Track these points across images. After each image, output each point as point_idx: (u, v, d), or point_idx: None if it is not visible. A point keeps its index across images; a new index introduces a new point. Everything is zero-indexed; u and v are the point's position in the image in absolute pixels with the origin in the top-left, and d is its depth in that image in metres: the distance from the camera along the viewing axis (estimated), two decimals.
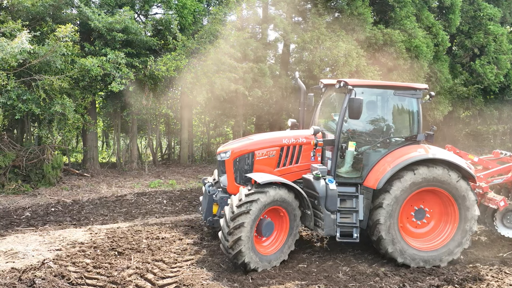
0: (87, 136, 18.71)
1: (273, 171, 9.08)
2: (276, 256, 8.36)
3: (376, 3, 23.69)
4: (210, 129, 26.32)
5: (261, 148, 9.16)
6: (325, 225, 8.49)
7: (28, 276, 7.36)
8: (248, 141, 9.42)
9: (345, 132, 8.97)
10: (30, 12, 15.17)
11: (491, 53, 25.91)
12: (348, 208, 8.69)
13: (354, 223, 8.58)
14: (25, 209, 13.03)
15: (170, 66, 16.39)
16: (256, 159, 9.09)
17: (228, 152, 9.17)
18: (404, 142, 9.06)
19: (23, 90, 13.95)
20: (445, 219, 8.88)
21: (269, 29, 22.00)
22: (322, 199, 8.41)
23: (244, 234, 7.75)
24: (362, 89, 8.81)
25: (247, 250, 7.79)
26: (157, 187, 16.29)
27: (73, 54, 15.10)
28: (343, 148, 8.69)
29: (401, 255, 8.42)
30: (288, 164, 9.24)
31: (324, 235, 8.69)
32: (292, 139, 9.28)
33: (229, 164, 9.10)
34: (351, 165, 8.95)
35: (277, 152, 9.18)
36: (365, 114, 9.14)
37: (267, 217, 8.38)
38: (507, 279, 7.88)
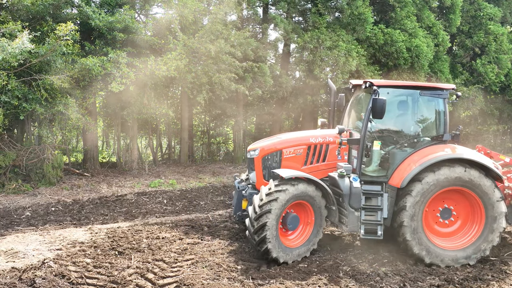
0: (87, 136, 18.69)
1: (301, 169, 9.33)
2: (300, 250, 8.66)
3: (376, 3, 23.70)
4: (210, 129, 26.32)
5: (289, 147, 9.49)
6: (348, 221, 8.71)
7: (29, 276, 7.35)
8: (276, 140, 9.80)
9: (372, 131, 9.08)
10: (30, 12, 15.16)
11: (491, 53, 25.93)
12: (373, 206, 8.82)
13: (379, 221, 8.73)
14: (25, 208, 13.03)
15: (170, 66, 16.38)
16: (284, 157, 9.43)
17: (257, 150, 9.60)
18: (430, 142, 9.10)
19: (26, 90, 13.94)
20: (472, 218, 8.85)
21: (269, 29, 21.99)
22: (346, 197, 8.65)
23: (269, 224, 8.12)
24: (387, 89, 8.96)
25: (271, 240, 8.15)
26: (157, 186, 16.29)
27: (73, 53, 15.09)
28: (368, 147, 8.79)
29: (428, 255, 8.47)
30: (315, 162, 9.52)
31: (347, 231, 8.89)
32: (319, 138, 9.56)
33: (258, 162, 9.54)
34: (378, 164, 9.06)
35: (304, 151, 9.48)
36: (392, 114, 9.32)
37: (292, 211, 8.68)
38: (507, 279, 7.87)
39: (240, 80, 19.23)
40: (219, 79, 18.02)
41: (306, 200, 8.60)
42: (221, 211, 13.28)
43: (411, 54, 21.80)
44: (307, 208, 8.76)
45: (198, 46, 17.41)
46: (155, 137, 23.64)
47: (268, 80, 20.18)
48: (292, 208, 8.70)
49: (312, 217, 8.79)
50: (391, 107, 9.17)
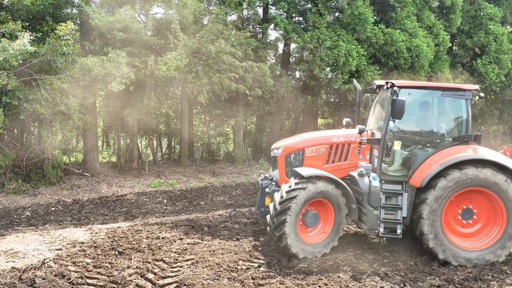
0: (87, 136, 18.69)
1: (322, 168, 9.54)
2: (320, 246, 8.87)
3: (376, 3, 23.69)
4: (210, 128, 26.31)
5: (311, 146, 9.75)
6: (367, 220, 8.87)
7: (29, 276, 7.35)
8: (299, 139, 10.11)
9: (394, 131, 9.16)
10: (30, 12, 15.16)
11: (491, 53, 25.90)
12: (393, 205, 8.90)
13: (398, 220, 8.82)
14: (25, 208, 13.03)
15: (170, 66, 16.37)
16: (306, 155, 9.69)
17: (280, 148, 9.94)
18: (452, 142, 9.13)
19: (27, 90, 13.93)
20: (493, 221, 8.85)
21: (269, 29, 21.98)
22: (365, 195, 8.83)
23: (288, 220, 8.42)
24: (409, 90, 9.06)
25: (290, 236, 8.44)
26: (157, 186, 16.29)
27: (73, 53, 15.09)
28: (388, 147, 8.90)
29: (443, 252, 8.53)
30: (336, 161, 9.71)
31: (366, 229, 9.08)
32: (341, 138, 9.74)
33: (281, 160, 9.86)
34: (399, 164, 9.12)
35: (326, 150, 9.71)
36: (414, 115, 9.43)
37: (313, 209, 8.93)
38: (508, 279, 7.87)
39: (240, 80, 19.22)
40: (219, 79, 18.01)
41: (326, 198, 8.81)
42: (221, 211, 13.28)
43: (411, 54, 21.78)
44: (327, 206, 8.96)
45: (198, 46, 17.40)
46: (155, 137, 23.63)
47: (268, 80, 20.17)
48: (313, 206, 8.93)
49: (332, 215, 8.98)
50: (413, 108, 9.31)
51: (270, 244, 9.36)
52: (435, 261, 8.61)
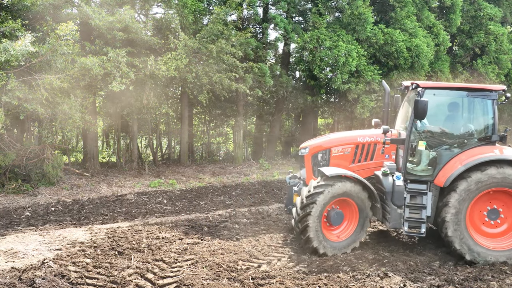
0: (87, 136, 18.69)
1: (348, 167, 9.76)
2: (342, 245, 9.08)
3: (376, 3, 23.69)
4: (210, 128, 26.31)
5: (337, 145, 10.01)
6: (391, 218, 9.06)
7: (28, 276, 7.34)
8: (325, 139, 10.41)
9: (421, 132, 9.18)
10: (30, 11, 15.15)
11: (491, 53, 25.89)
12: (418, 204, 8.96)
13: (422, 219, 8.90)
14: (25, 208, 13.02)
15: (170, 66, 16.37)
16: (332, 155, 9.96)
17: (307, 148, 10.25)
18: (478, 143, 9.13)
19: (27, 90, 13.92)
20: None
21: (269, 29, 21.98)
22: (389, 194, 9.04)
23: (312, 217, 8.68)
24: (434, 91, 9.09)
25: (313, 232, 8.70)
26: (157, 186, 16.28)
27: (73, 53, 15.09)
28: (413, 147, 8.97)
29: (470, 253, 8.57)
30: (362, 161, 9.95)
31: (390, 227, 9.30)
32: (367, 138, 9.99)
33: (308, 159, 10.19)
34: (425, 163, 9.18)
35: (352, 150, 9.96)
36: (440, 115, 9.51)
37: (337, 208, 9.13)
38: (507, 279, 7.85)
39: (240, 80, 19.22)
40: (219, 78, 18.01)
41: (350, 197, 8.99)
42: (221, 211, 13.27)
43: (411, 54, 21.78)
44: (352, 205, 9.13)
45: (199, 46, 17.40)
46: (155, 137, 23.62)
47: (268, 80, 20.19)
48: (338, 205, 9.12)
49: (357, 213, 9.16)
50: (439, 108, 9.36)
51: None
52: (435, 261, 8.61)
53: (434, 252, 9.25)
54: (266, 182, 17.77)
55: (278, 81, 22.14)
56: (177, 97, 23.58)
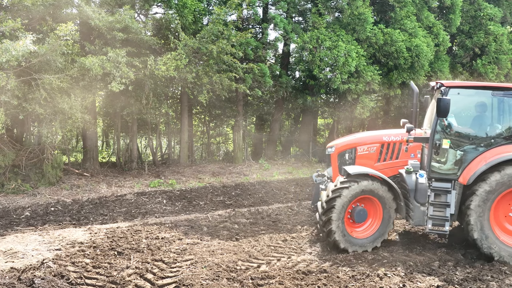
0: (87, 136, 18.69)
1: (373, 166, 10.00)
2: (365, 242, 9.26)
3: (376, 3, 23.68)
4: (210, 128, 26.31)
5: (363, 144, 10.28)
6: (414, 216, 9.19)
7: (28, 276, 7.34)
8: (351, 138, 10.72)
9: (446, 130, 9.26)
10: (30, 12, 15.15)
11: (491, 53, 25.88)
12: (442, 202, 9.10)
13: (446, 217, 9.03)
14: (24, 208, 13.02)
15: (170, 66, 16.37)
16: (358, 154, 10.22)
17: (333, 147, 10.56)
18: (504, 141, 9.16)
19: (26, 89, 13.92)
20: None
21: (269, 29, 21.98)
22: (412, 192, 9.20)
23: (334, 213, 8.93)
24: (458, 90, 9.17)
25: (337, 230, 8.94)
26: (157, 186, 16.28)
27: (73, 53, 15.09)
28: (437, 145, 9.08)
29: (498, 253, 8.64)
30: (388, 160, 10.20)
31: (413, 225, 9.37)
32: (392, 137, 10.23)
33: (334, 158, 10.49)
34: (451, 162, 9.25)
35: (378, 149, 10.21)
36: (465, 114, 9.65)
37: (361, 205, 9.32)
38: (507, 279, 7.86)
39: (240, 80, 19.23)
40: (219, 79, 18.02)
41: (373, 195, 9.17)
42: (221, 211, 13.28)
43: (411, 54, 21.77)
44: (375, 203, 9.31)
45: (199, 46, 17.41)
46: (155, 137, 23.63)
47: (268, 80, 20.19)
48: (362, 203, 9.32)
49: (380, 211, 9.32)
50: (464, 107, 9.52)
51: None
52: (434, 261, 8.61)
53: (433, 253, 9.26)
54: (266, 182, 17.77)
55: (277, 81, 22.14)
56: (177, 97, 23.59)
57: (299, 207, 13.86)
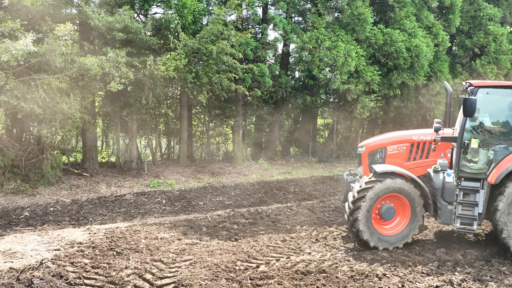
0: (87, 136, 18.68)
1: (403, 165, 10.07)
2: (393, 239, 9.40)
3: (376, 3, 23.70)
4: (209, 129, 26.31)
5: (392, 144, 10.38)
6: (442, 214, 9.28)
7: (26, 276, 7.33)
8: (381, 137, 10.88)
9: (476, 129, 9.29)
10: (30, 11, 15.14)
11: (491, 53, 25.90)
12: (470, 201, 9.14)
13: (474, 216, 9.06)
14: (24, 208, 13.01)
15: (169, 66, 16.37)
16: (388, 153, 10.34)
17: (364, 146, 10.69)
18: None
19: (25, 89, 13.91)
20: None
21: (269, 29, 21.98)
22: (439, 191, 9.27)
23: (361, 211, 9.11)
24: (487, 89, 9.22)
25: (364, 227, 9.12)
26: (156, 187, 16.27)
27: (72, 53, 15.09)
28: (465, 144, 9.12)
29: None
30: (418, 159, 10.27)
31: (440, 223, 9.48)
32: (422, 136, 10.30)
33: (364, 157, 10.60)
34: (481, 161, 9.25)
35: (407, 148, 10.30)
36: (495, 113, 9.55)
37: (389, 203, 9.44)
38: (506, 279, 7.85)
39: (239, 80, 19.23)
40: (219, 79, 18.03)
41: (400, 193, 9.31)
42: (220, 211, 13.27)
43: (411, 54, 21.78)
44: (403, 201, 9.42)
45: (198, 46, 17.40)
46: (155, 137, 23.63)
47: (268, 80, 20.19)
48: (390, 201, 9.45)
49: (408, 209, 9.43)
50: (493, 106, 9.44)
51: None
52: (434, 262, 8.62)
53: (432, 253, 9.25)
54: (266, 182, 17.76)
55: (277, 81, 22.14)
56: (176, 97, 23.58)
57: (298, 207, 13.85)
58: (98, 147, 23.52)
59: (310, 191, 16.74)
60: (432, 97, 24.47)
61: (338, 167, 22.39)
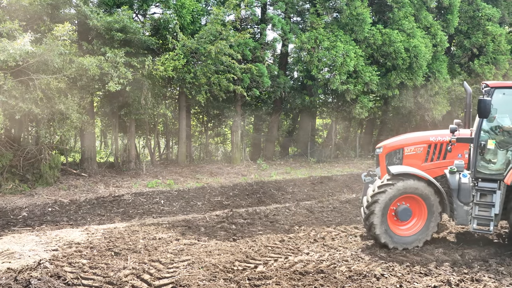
0: (85, 136, 18.66)
1: (421, 166, 10.08)
2: (408, 240, 9.46)
3: (374, 3, 23.72)
4: (208, 129, 26.30)
5: (410, 145, 10.37)
6: (457, 215, 9.34)
7: (24, 277, 7.32)
8: (399, 138, 10.83)
9: (497, 131, 9.31)
10: (28, 11, 15.13)
11: (489, 53, 25.93)
12: (487, 202, 9.13)
13: (491, 217, 9.04)
14: (22, 209, 13.00)
15: (168, 66, 16.36)
16: (405, 154, 10.33)
17: (381, 147, 10.72)
18: None
19: (24, 89, 13.90)
20: None
21: (267, 29, 21.97)
22: (455, 192, 9.32)
23: (376, 210, 9.19)
24: (503, 90, 9.22)
25: (379, 227, 9.22)
26: (154, 187, 16.26)
27: (70, 53, 15.08)
28: (482, 145, 9.12)
29: None
30: (435, 160, 10.21)
31: (456, 224, 9.54)
32: (439, 137, 10.22)
33: (382, 158, 10.61)
34: (496, 162, 9.29)
35: (425, 149, 10.25)
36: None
37: (406, 204, 9.51)
38: (504, 280, 7.85)
39: (238, 80, 19.23)
40: (217, 79, 18.02)
41: (416, 194, 9.36)
42: (218, 211, 13.27)
43: (410, 54, 21.80)
44: (420, 202, 9.46)
45: (197, 46, 17.39)
46: (153, 137, 23.60)
47: (266, 80, 20.19)
48: (407, 202, 9.50)
49: (425, 211, 9.47)
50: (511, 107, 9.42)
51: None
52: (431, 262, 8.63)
53: (430, 253, 9.25)
54: (264, 182, 17.76)
55: (275, 82, 22.14)
56: (175, 97, 23.58)
57: (296, 208, 13.85)
58: (97, 147, 23.49)
59: (309, 191, 16.75)
60: (430, 98, 24.49)
61: (337, 167, 22.38)
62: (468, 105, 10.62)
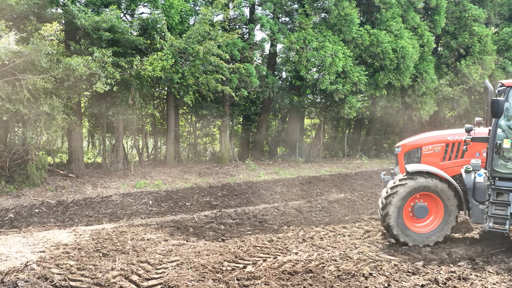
0: (72, 136, 18.52)
1: (439, 164, 10.24)
2: (424, 237, 9.59)
3: (362, 4, 23.83)
4: (196, 129, 26.25)
5: (428, 144, 10.58)
6: (473, 214, 9.43)
7: (11, 279, 7.25)
8: (417, 138, 11.04)
9: (510, 129, 9.33)
10: (14, 11, 14.98)
11: (476, 54, 26.20)
12: (503, 201, 9.20)
13: (507, 215, 9.08)
14: (8, 210, 12.88)
15: (156, 66, 16.31)
16: (423, 153, 10.54)
17: (400, 147, 10.96)
18: None
19: (10, 90, 13.76)
20: None
21: (256, 29, 21.99)
22: (470, 191, 9.44)
23: (392, 207, 9.39)
24: None
25: (393, 220, 9.42)
26: (143, 187, 16.19)
27: (58, 53, 14.95)
28: (497, 145, 9.21)
29: None
30: (453, 159, 10.42)
31: (472, 222, 9.70)
32: (456, 136, 10.42)
33: (400, 157, 10.84)
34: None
35: (443, 148, 10.46)
36: None
37: (423, 202, 9.66)
38: (490, 278, 7.93)
39: (226, 81, 19.21)
40: (206, 80, 17.99)
41: (433, 192, 9.52)
42: (207, 212, 13.25)
43: (397, 55, 21.95)
44: (437, 200, 9.61)
45: (185, 46, 17.35)
46: (141, 138, 23.51)
47: (254, 80, 20.19)
48: (424, 199, 9.66)
49: (442, 208, 9.61)
50: None
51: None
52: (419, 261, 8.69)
53: (418, 252, 9.32)
54: (253, 182, 17.76)
55: (264, 82, 22.16)
56: (163, 98, 23.50)
57: (285, 208, 13.88)
58: (84, 148, 23.34)
59: (297, 191, 16.78)
60: (417, 98, 24.68)
61: (325, 167, 22.45)
62: (488, 103, 10.76)
